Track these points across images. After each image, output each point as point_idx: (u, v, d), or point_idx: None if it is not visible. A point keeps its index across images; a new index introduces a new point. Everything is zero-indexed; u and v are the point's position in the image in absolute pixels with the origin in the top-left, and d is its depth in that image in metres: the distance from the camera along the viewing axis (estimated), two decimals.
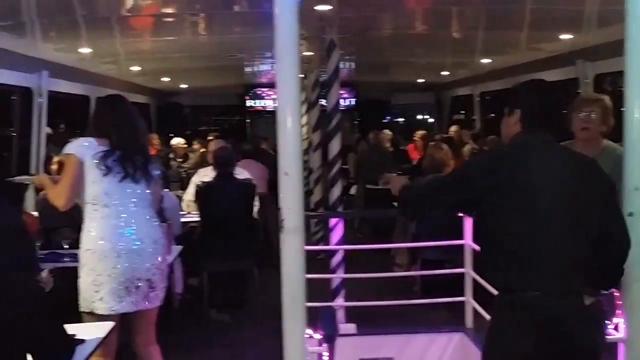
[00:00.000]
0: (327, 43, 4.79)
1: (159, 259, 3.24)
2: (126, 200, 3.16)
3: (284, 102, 2.24)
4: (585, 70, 6.65)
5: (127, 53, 7.16)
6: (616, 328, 2.33)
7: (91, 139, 3.23)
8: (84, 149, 3.17)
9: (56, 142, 8.43)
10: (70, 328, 2.48)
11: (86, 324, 2.85)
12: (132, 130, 3.29)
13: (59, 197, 3.11)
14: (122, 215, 3.14)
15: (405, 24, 5.86)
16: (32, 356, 2.20)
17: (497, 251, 2.26)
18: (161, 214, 4.38)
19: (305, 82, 8.10)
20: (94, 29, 5.43)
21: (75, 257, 4.24)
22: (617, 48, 2.34)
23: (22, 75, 6.13)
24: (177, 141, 10.09)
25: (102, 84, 8.80)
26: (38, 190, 3.83)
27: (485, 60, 8.72)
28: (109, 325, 2.81)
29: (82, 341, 2.56)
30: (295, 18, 2.13)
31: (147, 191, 3.27)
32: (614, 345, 2.34)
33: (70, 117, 9.54)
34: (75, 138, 3.35)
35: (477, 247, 4.50)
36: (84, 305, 3.10)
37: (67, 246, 4.37)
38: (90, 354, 2.54)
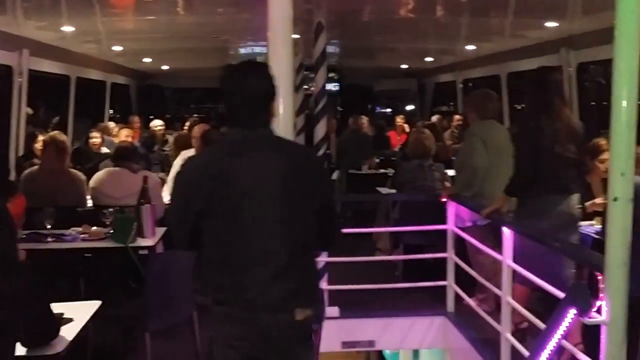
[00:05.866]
0: (314, 25, 4.78)
1: None
2: None
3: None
4: (569, 58, 6.71)
5: (108, 32, 7.05)
6: (599, 311, 2.38)
7: None
8: None
9: (36, 123, 8.31)
10: (57, 307, 2.47)
11: (73, 303, 2.82)
12: None
13: None
14: None
15: (390, 8, 5.85)
16: (20, 336, 2.19)
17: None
18: (145, 195, 4.34)
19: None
20: (75, 6, 5.33)
21: (58, 238, 4.19)
22: (601, 36, 2.33)
23: (2, 53, 6.02)
24: (155, 124, 9.60)
25: (83, 63, 8.68)
26: (21, 168, 3.71)
27: (469, 47, 8.74)
28: (95, 304, 2.79)
29: (70, 320, 2.56)
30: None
31: None
32: (597, 327, 2.39)
33: (49, 98, 9.39)
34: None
35: (459, 232, 4.58)
36: None
37: (49, 226, 4.26)
38: (78, 333, 2.53)
